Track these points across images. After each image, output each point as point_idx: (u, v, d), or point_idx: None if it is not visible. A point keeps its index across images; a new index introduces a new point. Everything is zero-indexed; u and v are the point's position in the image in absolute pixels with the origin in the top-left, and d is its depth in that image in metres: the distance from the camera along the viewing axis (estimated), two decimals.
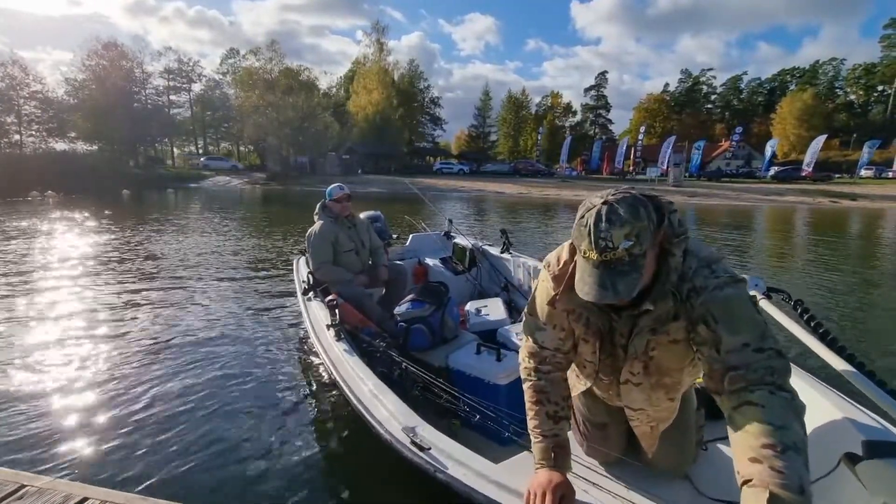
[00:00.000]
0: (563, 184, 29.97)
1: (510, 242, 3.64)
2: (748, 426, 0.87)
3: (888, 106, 46.56)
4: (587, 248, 0.91)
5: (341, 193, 3.16)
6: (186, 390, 2.74)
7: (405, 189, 6.64)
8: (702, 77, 58.21)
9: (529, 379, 1.22)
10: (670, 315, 1.02)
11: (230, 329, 3.72)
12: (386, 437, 1.42)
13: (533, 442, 1.17)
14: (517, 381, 1.93)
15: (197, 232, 9.57)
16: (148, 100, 42.49)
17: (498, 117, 56.95)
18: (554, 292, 1.14)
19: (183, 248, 7.58)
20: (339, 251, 3.06)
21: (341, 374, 1.84)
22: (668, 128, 49.72)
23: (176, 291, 4.84)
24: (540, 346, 1.21)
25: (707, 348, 0.98)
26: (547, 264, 1.17)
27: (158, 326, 3.79)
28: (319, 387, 2.78)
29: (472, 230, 10.60)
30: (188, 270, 5.88)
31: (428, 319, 2.37)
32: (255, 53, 44.31)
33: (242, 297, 4.64)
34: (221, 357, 3.20)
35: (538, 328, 1.20)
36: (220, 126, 48.30)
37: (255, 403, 2.61)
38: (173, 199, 20.34)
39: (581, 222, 0.93)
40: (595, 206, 0.91)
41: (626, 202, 0.90)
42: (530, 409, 1.19)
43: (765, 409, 0.87)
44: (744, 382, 0.92)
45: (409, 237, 4.40)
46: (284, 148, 38.54)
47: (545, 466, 1.12)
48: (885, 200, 20.90)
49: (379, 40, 48.75)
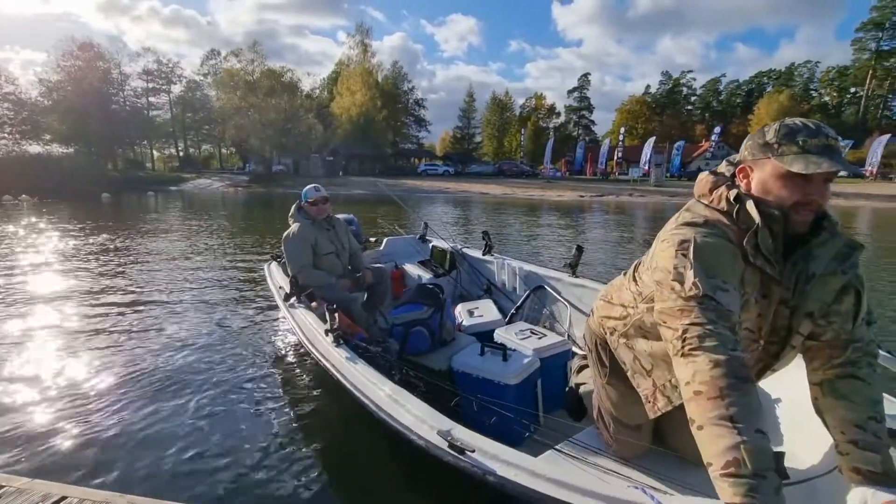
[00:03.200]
0: (547, 184, 30.19)
1: (492, 244, 3.64)
2: (855, 397, 1.03)
3: (860, 107, 48.05)
4: (808, 136, 0.97)
5: (318, 195, 3.06)
6: (172, 396, 2.66)
7: (391, 191, 6.61)
8: (682, 79, 59.37)
9: (723, 350, 0.88)
10: (842, 256, 1.05)
11: (209, 338, 3.61)
12: (419, 444, 1.35)
13: (741, 443, 0.80)
14: (526, 381, 1.98)
15: (176, 236, 9.40)
16: (126, 101, 41.74)
17: (482, 119, 57.23)
18: (738, 237, 1.02)
19: (161, 253, 7.44)
20: (319, 254, 2.99)
21: (351, 381, 1.78)
22: (649, 129, 50.43)
23: (154, 298, 4.74)
24: (727, 310, 0.93)
25: (840, 317, 1.06)
26: (690, 223, 1.06)
27: (135, 334, 3.69)
28: (321, 394, 2.69)
29: (458, 231, 10.66)
30: (167, 276, 5.77)
31: (427, 322, 2.33)
32: (237, 55, 43.77)
33: (223, 303, 4.57)
34: (202, 367, 3.09)
35: (719, 288, 0.95)
36: (201, 128, 47.64)
37: (249, 410, 2.53)
38: (153, 203, 19.96)
39: (787, 124, 1.00)
40: (797, 119, 1.01)
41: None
42: (736, 389, 0.85)
43: (870, 385, 1.04)
44: (860, 354, 1.06)
45: (383, 241, 4.35)
46: (267, 150, 38.12)
47: (773, 473, 0.81)
48: (858, 199, 21.51)
49: (363, 41, 48.70)
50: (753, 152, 1.05)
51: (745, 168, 1.08)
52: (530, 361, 2.01)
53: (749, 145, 1.07)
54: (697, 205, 1.14)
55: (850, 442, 1.00)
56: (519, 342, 2.16)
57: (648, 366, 1.29)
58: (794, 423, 1.54)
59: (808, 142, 0.96)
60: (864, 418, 1.00)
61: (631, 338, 1.32)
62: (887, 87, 47.45)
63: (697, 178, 1.19)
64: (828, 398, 1.07)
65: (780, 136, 0.99)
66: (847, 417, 1.02)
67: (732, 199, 1.05)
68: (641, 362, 1.31)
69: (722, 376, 0.85)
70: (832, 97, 51.99)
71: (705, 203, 1.12)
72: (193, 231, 10.29)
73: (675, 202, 21.55)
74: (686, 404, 0.91)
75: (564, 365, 2.19)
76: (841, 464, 1.02)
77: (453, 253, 3.73)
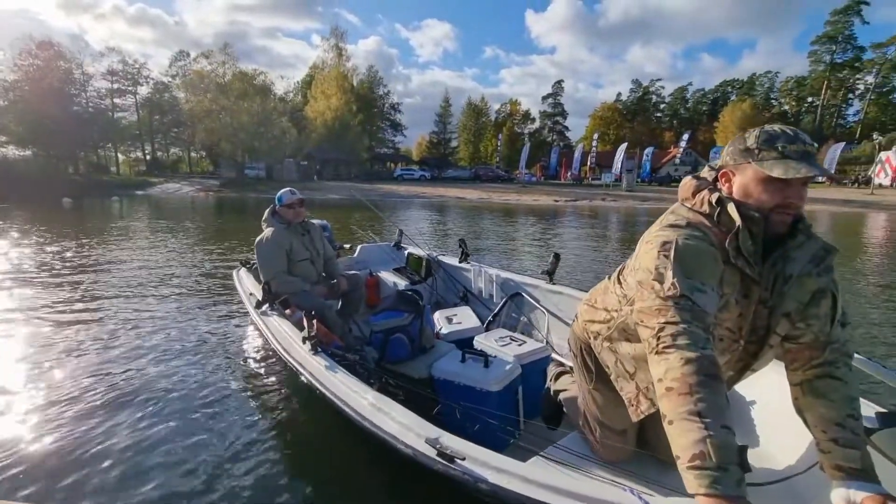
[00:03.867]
0: (522, 189, 30.54)
1: (468, 252, 3.62)
2: (833, 396, 1.07)
3: (817, 116, 50.61)
4: (787, 142, 1.01)
5: (293, 198, 2.97)
6: (136, 412, 2.50)
7: (366, 196, 6.54)
8: (651, 87, 61.22)
9: (695, 349, 0.91)
10: (817, 258, 1.09)
11: (175, 350, 3.44)
12: (406, 452, 1.33)
13: (707, 437, 0.82)
14: (508, 387, 1.97)
15: (142, 242, 9.02)
16: (89, 103, 40.15)
17: (458, 124, 57.56)
18: (717, 240, 1.06)
19: (125, 260, 7.12)
20: (294, 260, 2.90)
21: (331, 390, 1.73)
22: (620, 135, 51.81)
23: (115, 308, 4.52)
24: (703, 310, 0.96)
25: (819, 320, 1.09)
26: (673, 225, 1.09)
27: (94, 347, 3.49)
28: (297, 404, 2.59)
29: (435, 237, 10.65)
30: (130, 285, 5.51)
31: (407, 329, 2.29)
32: (207, 56, 42.79)
33: (189, 312, 4.39)
34: (168, 381, 2.93)
35: (697, 289, 0.97)
36: (170, 131, 46.22)
37: (220, 424, 2.40)
38: (118, 208, 19.17)
39: (767, 131, 1.04)
40: (776, 126, 1.05)
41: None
42: (705, 386, 0.87)
43: (847, 385, 1.08)
44: (837, 355, 1.10)
45: (357, 248, 4.27)
46: (239, 154, 37.32)
47: (736, 466, 0.82)
48: (815, 203, 22.55)
49: (338, 45, 48.34)
50: (735, 157, 1.09)
51: (727, 172, 1.12)
52: (512, 368, 2.00)
53: (730, 151, 1.10)
54: (681, 208, 1.17)
55: (831, 440, 1.04)
56: (499, 349, 2.15)
57: (632, 369, 1.31)
58: (772, 424, 1.57)
59: (787, 147, 1.01)
60: (844, 416, 1.05)
61: (614, 341, 1.34)
62: (840, 97, 50.20)
63: (681, 183, 1.22)
64: (808, 397, 1.11)
65: (761, 141, 1.04)
66: (827, 416, 1.06)
67: (714, 202, 1.10)
68: (625, 365, 1.33)
69: (692, 373, 0.88)
70: (791, 106, 54.54)
71: (688, 206, 1.16)
72: (160, 237, 9.92)
73: (646, 207, 22.12)
74: (659, 401, 0.93)
75: (544, 371, 2.18)
76: (823, 461, 1.05)
77: (429, 260, 3.69)
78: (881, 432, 1.16)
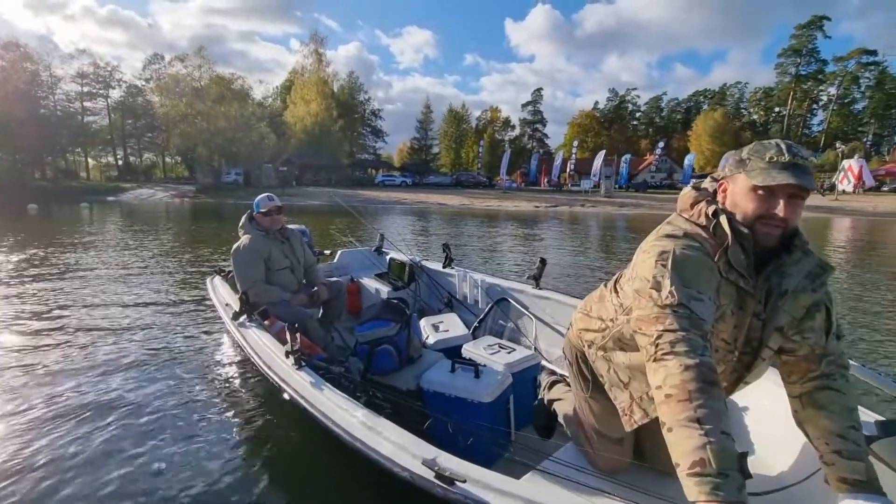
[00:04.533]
0: (503, 195, 30.75)
1: (452, 257, 3.58)
2: (833, 407, 1.08)
3: (784, 126, 52.62)
4: (776, 154, 1.01)
5: (271, 204, 2.86)
6: (107, 431, 2.34)
7: (347, 201, 6.44)
8: (627, 96, 62.60)
9: (693, 355, 0.91)
10: (813, 275, 1.10)
11: (147, 364, 3.25)
12: (403, 475, 1.25)
13: (707, 443, 0.81)
14: (500, 398, 1.92)
15: (109, 251, 8.69)
16: (58, 106, 38.93)
17: (439, 130, 57.73)
18: (714, 251, 1.07)
19: (93, 268, 6.84)
20: (273, 269, 2.79)
21: (318, 408, 1.63)
22: (598, 142, 52.76)
23: (82, 320, 4.31)
24: (700, 318, 0.97)
25: (814, 333, 1.11)
26: (670, 235, 1.10)
27: (59, 361, 3.31)
28: (280, 422, 2.43)
29: (418, 242, 10.59)
30: (98, 295, 5.28)
31: (394, 339, 2.18)
32: (183, 60, 41.90)
33: (162, 324, 4.21)
34: (140, 399, 2.74)
35: (694, 298, 0.99)
36: (143, 136, 45.04)
37: (196, 445, 2.24)
38: (87, 215, 18.51)
39: (762, 143, 1.06)
40: (773, 140, 1.06)
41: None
42: (704, 392, 0.87)
43: (846, 396, 1.09)
44: (833, 367, 1.12)
45: (336, 253, 4.16)
46: (216, 159, 36.59)
47: (736, 472, 0.81)
48: None
49: (317, 50, 48.04)
50: (731, 168, 1.11)
51: (724, 183, 1.14)
52: (503, 377, 1.95)
53: (729, 162, 1.12)
54: (678, 219, 1.19)
55: (834, 452, 1.05)
56: (488, 357, 2.09)
57: (626, 378, 1.30)
58: (769, 433, 1.57)
59: (774, 158, 1.02)
60: (844, 427, 1.06)
61: (609, 350, 1.33)
62: (805, 107, 52.31)
63: (681, 194, 1.24)
64: (808, 409, 1.12)
65: (752, 151, 1.06)
66: (828, 428, 1.07)
67: (711, 214, 1.11)
68: (619, 374, 1.32)
69: (691, 380, 0.88)
70: (760, 116, 56.57)
71: (686, 217, 1.17)
72: (131, 245, 9.58)
73: (624, 212, 22.55)
74: (658, 408, 0.92)
75: (534, 379, 2.14)
76: (827, 474, 1.06)
77: (412, 265, 3.61)
78: (881, 441, 1.18)
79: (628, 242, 11.41)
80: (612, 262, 8.15)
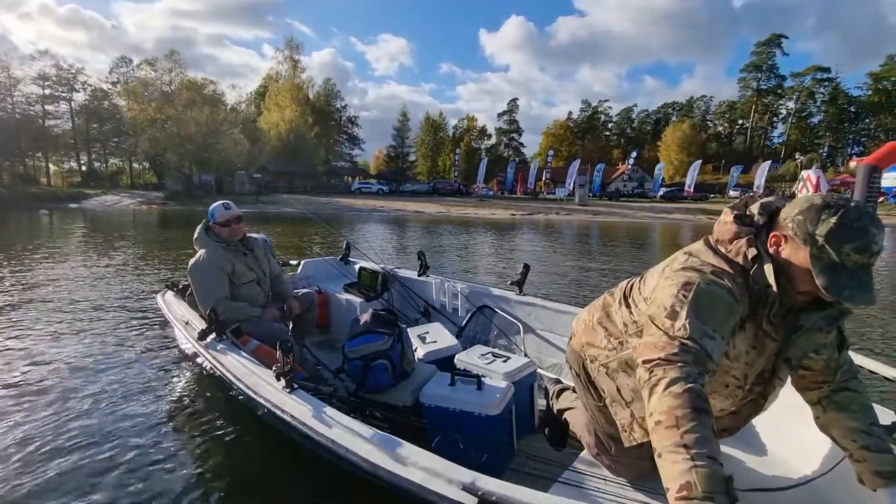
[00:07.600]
0: (480, 203, 30.93)
1: (428, 264, 3.52)
2: (854, 407, 1.16)
3: (747, 137, 54.99)
4: (859, 249, 0.93)
5: (228, 214, 2.60)
6: (64, 465, 2.11)
7: (323, 209, 6.30)
8: (599, 107, 64.36)
9: (684, 382, 0.92)
10: (830, 318, 1.11)
11: (102, 393, 2.80)
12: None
13: (693, 467, 0.84)
14: (506, 409, 1.84)
15: (66, 261, 8.23)
16: (16, 108, 37.15)
17: (416, 138, 57.83)
18: (739, 293, 1.05)
19: (44, 283, 6.49)
20: (238, 283, 2.58)
21: (326, 436, 1.47)
22: (573, 152, 53.85)
23: (30, 341, 4.06)
24: (707, 355, 0.97)
25: (828, 349, 1.17)
26: (698, 269, 1.07)
27: (14, 394, 3.10)
28: (277, 454, 2.13)
29: (395, 250, 10.48)
30: (51, 311, 5.00)
31: (388, 353, 2.03)
32: (152, 63, 40.74)
33: (116, 345, 4.00)
34: (98, 441, 2.32)
35: (707, 335, 0.99)
36: (109, 140, 43.42)
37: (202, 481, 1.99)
38: (46, 223, 17.66)
39: (844, 223, 0.93)
40: (845, 205, 0.95)
41: (863, 208, 0.97)
42: (691, 419, 0.89)
43: (863, 395, 1.18)
44: (848, 375, 1.19)
45: (300, 263, 3.95)
46: (186, 165, 35.59)
47: (722, 496, 0.82)
48: None
49: (292, 56, 47.57)
50: (796, 231, 1.01)
51: (780, 238, 1.05)
52: (507, 387, 1.88)
53: (797, 218, 1.01)
54: (707, 252, 1.13)
55: (863, 448, 1.10)
56: (485, 367, 2.02)
57: (629, 398, 1.31)
58: (788, 429, 1.60)
59: (849, 256, 0.94)
60: (867, 424, 1.13)
61: (612, 371, 1.34)
62: (766, 120, 54.83)
63: (720, 219, 1.17)
64: (830, 412, 1.19)
65: (829, 234, 0.96)
66: (853, 426, 1.14)
67: (751, 258, 1.06)
68: (622, 393, 1.33)
69: (679, 407, 0.90)
70: (724, 127, 58.99)
71: (715, 247, 1.13)
72: (90, 254, 9.11)
73: (598, 220, 23.01)
74: (650, 434, 0.95)
75: (531, 387, 2.10)
76: (860, 471, 1.11)
77: (385, 274, 3.50)
78: None
79: (604, 248, 11.61)
80: (589, 269, 8.25)
